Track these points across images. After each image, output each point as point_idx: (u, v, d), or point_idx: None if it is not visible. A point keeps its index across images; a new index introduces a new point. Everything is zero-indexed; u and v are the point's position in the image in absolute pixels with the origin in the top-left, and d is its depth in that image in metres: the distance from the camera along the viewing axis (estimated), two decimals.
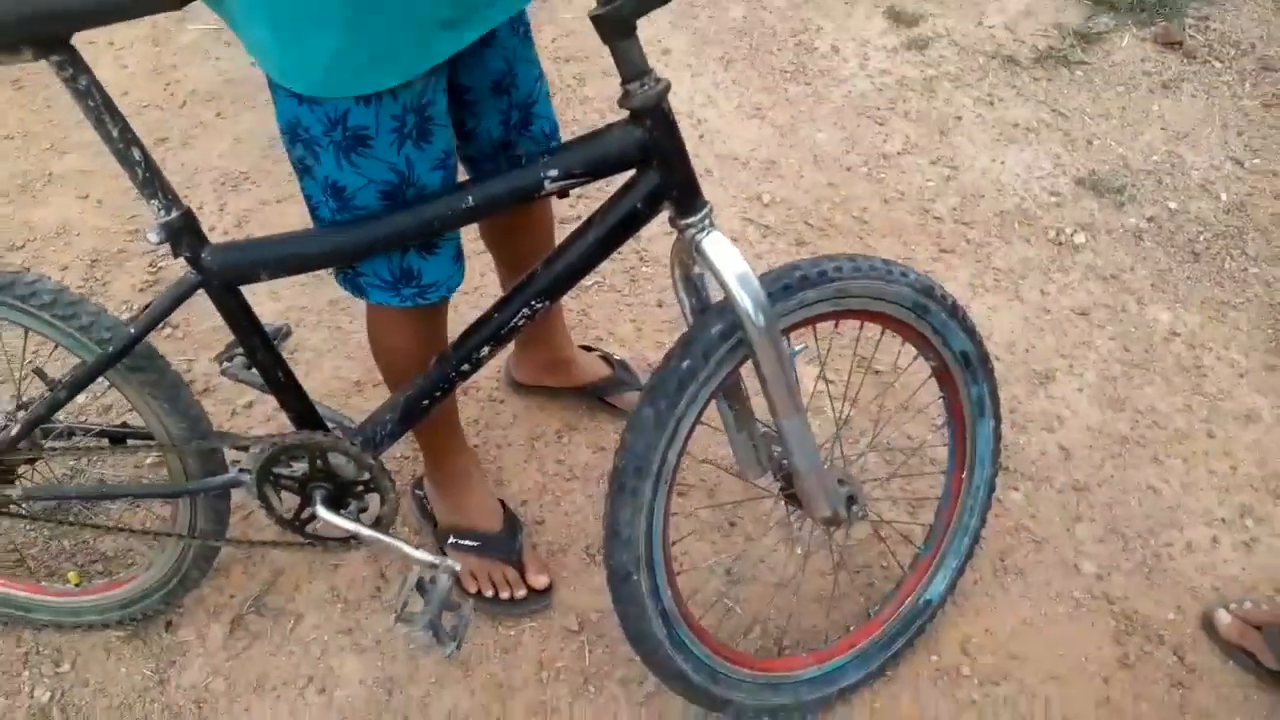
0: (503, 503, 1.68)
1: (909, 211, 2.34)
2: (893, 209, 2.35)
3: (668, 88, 1.05)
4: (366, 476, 1.25)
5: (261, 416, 1.87)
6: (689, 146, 1.11)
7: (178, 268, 2.10)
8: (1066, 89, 2.70)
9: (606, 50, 1.02)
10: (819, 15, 2.91)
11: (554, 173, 1.09)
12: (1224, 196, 2.39)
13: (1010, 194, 2.38)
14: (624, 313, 2.12)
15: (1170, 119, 2.61)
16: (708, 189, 2.35)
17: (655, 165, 1.09)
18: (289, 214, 2.23)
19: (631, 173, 1.13)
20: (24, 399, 1.28)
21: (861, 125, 2.57)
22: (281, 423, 1.85)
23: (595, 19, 0.99)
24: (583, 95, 2.60)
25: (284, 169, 2.32)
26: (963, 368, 1.41)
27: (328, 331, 2.03)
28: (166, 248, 1.12)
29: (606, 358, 1.92)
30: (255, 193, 2.30)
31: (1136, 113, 2.63)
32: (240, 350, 1.27)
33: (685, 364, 1.18)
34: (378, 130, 1.07)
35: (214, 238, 1.16)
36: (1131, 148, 2.52)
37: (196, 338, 2.01)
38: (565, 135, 2.48)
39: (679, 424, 1.20)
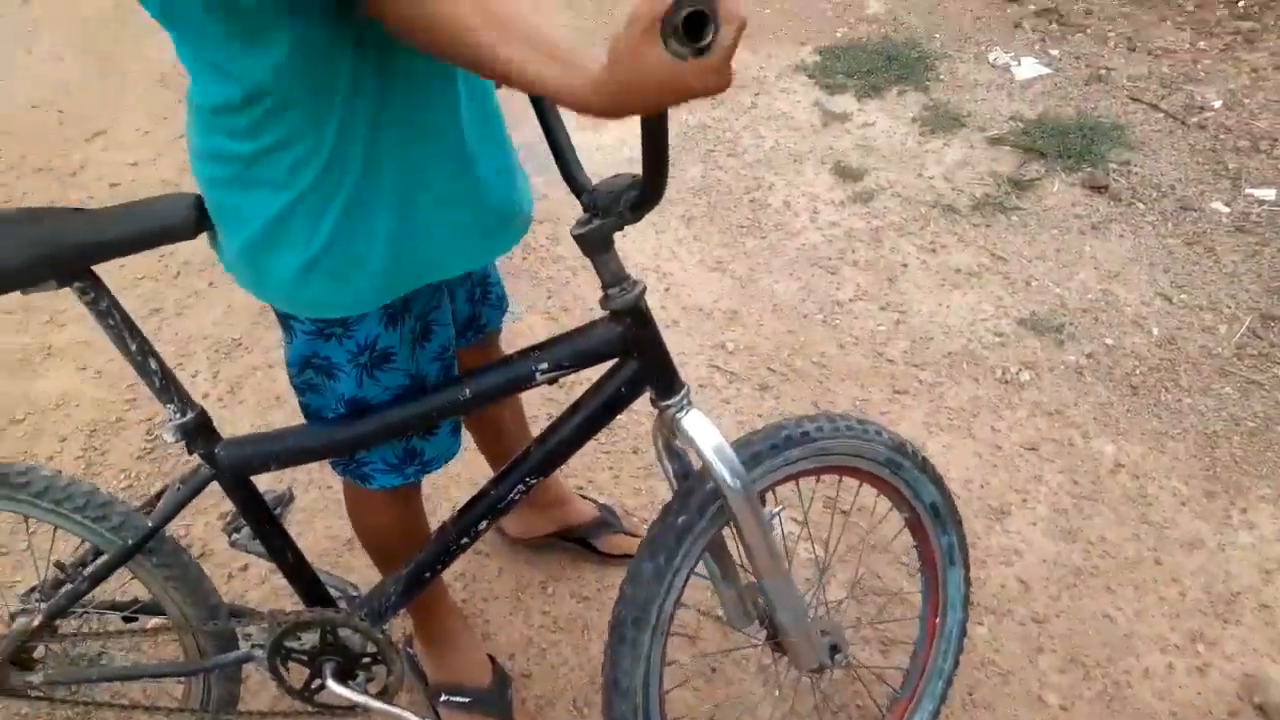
0: (491, 657, 1.75)
1: (863, 355, 2.50)
2: (848, 353, 2.50)
3: (644, 290, 1.18)
4: (374, 649, 1.33)
5: (256, 579, 1.94)
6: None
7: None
8: (1004, 234, 2.91)
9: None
10: (770, 173, 3.13)
11: (544, 366, 1.21)
12: (1156, 331, 2.57)
13: (957, 336, 2.55)
14: (602, 460, 2.23)
15: (1101, 258, 2.82)
16: (675, 339, 2.51)
17: (635, 356, 1.22)
18: (280, 379, 2.34)
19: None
20: (43, 586, 1.34)
21: (815, 275, 2.75)
22: (275, 586, 1.93)
23: (578, 238, 1.12)
24: (556, 254, 2.76)
25: (274, 335, 2.45)
26: (933, 518, 1.51)
27: (318, 492, 2.12)
28: (160, 417, 1.21)
29: (593, 502, 2.02)
30: (247, 359, 2.41)
31: (1070, 254, 2.83)
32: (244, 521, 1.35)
33: (681, 519, 1.28)
34: (400, 345, 1.20)
35: (208, 404, 1.25)
36: (1067, 287, 2.71)
37: (192, 504, 2.08)
38: (540, 293, 2.65)
39: (675, 576, 1.29)
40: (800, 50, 3.82)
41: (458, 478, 2.11)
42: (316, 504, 2.10)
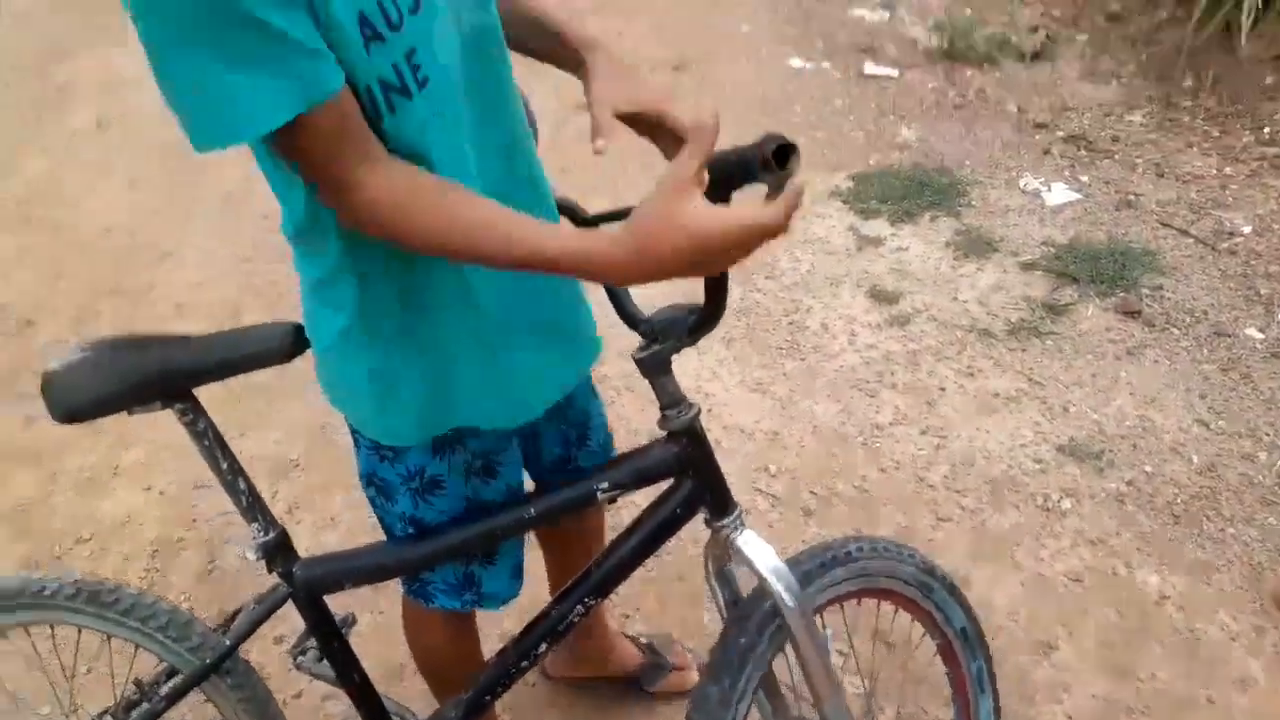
0: None
1: (905, 480, 2.53)
2: (890, 478, 2.54)
3: (699, 412, 1.25)
4: None
5: (309, 708, 1.97)
6: None
7: (234, 558, 2.26)
8: (1040, 358, 2.96)
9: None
10: (807, 296, 3.22)
11: (605, 485, 1.26)
12: (1195, 459, 2.58)
13: (997, 461, 2.58)
14: (648, 588, 2.26)
15: (1138, 384, 2.85)
16: (718, 460, 2.55)
17: (691, 476, 1.28)
18: (336, 500, 2.42)
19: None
20: (116, 708, 1.38)
21: (854, 397, 2.81)
22: (328, 713, 1.96)
23: (638, 361, 1.20)
24: (600, 374, 2.83)
25: (332, 455, 2.53)
26: (963, 643, 1.53)
27: (371, 617, 2.16)
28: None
29: (636, 643, 2.01)
30: (305, 480, 2.49)
31: (1106, 379, 2.87)
32: (311, 644, 1.40)
33: (743, 639, 1.31)
34: (449, 474, 1.26)
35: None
36: (1105, 413, 2.75)
37: None
38: None
39: (740, 702, 1.30)
40: (834, 177, 3.95)
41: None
42: (368, 629, 2.14)
